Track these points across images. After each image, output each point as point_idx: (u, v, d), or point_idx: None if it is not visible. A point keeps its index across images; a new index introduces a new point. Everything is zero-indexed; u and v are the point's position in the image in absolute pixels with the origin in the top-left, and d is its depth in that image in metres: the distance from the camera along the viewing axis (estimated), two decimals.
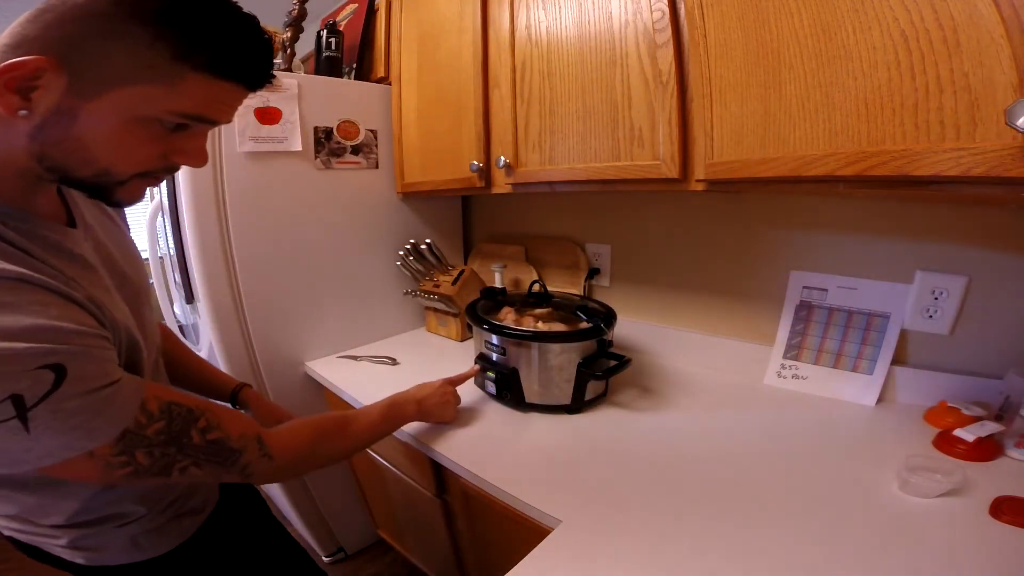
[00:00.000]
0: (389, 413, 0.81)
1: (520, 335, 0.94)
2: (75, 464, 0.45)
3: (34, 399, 0.40)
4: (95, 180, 0.48)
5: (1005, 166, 0.48)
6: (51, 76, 0.41)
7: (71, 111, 0.43)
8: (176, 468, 0.52)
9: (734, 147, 0.73)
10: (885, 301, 0.93)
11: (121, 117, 0.44)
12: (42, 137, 0.44)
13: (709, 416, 0.93)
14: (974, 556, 0.56)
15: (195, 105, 0.47)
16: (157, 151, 0.48)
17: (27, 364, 0.39)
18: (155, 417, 0.50)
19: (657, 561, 0.58)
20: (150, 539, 0.64)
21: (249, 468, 0.58)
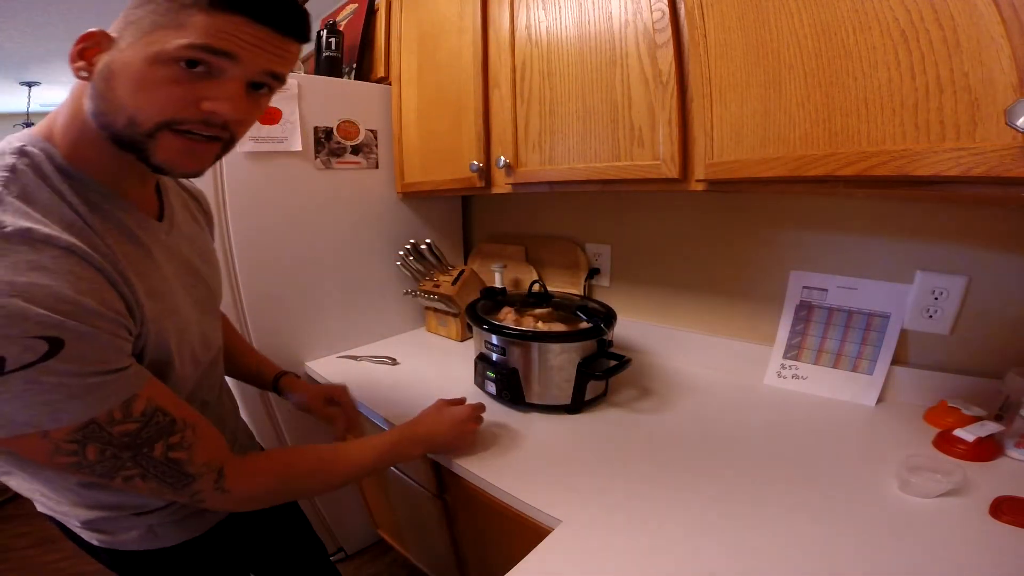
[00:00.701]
0: (387, 455, 0.74)
1: (520, 335, 0.94)
2: (25, 440, 0.44)
3: (15, 365, 0.39)
4: (127, 131, 0.48)
5: (1005, 166, 0.48)
6: (103, 41, 0.47)
7: (111, 65, 0.47)
8: (120, 475, 0.50)
9: (734, 147, 0.73)
10: (885, 301, 0.93)
11: (139, 60, 0.47)
12: (95, 94, 0.48)
13: (709, 416, 0.93)
14: (974, 556, 0.56)
15: (200, 35, 0.46)
16: (179, 94, 0.48)
17: (28, 330, 0.39)
18: (132, 418, 0.48)
19: (657, 561, 0.58)
20: (168, 529, 0.63)
21: (199, 496, 0.56)
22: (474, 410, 0.85)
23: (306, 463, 0.67)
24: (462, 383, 1.10)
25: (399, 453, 0.75)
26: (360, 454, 0.72)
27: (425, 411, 0.84)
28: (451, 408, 0.84)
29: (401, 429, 0.78)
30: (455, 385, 1.10)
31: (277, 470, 0.63)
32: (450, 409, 0.84)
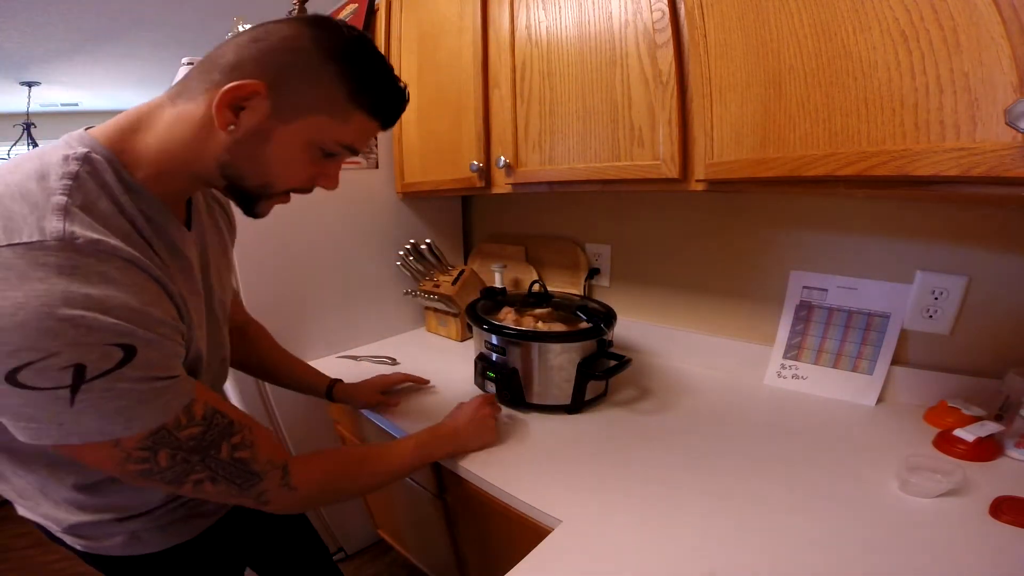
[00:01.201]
0: (421, 452, 0.76)
1: (520, 335, 0.94)
2: (96, 448, 0.44)
3: (95, 373, 0.40)
4: (256, 190, 0.55)
5: (1005, 166, 0.48)
6: (260, 99, 0.48)
7: (267, 132, 0.50)
8: (190, 480, 0.51)
9: (734, 147, 0.73)
10: (885, 301, 0.93)
11: (301, 140, 0.52)
12: (237, 151, 0.50)
13: (709, 416, 0.93)
14: (974, 556, 0.56)
15: (353, 137, 0.55)
16: (310, 172, 0.56)
17: (105, 338, 0.41)
18: (195, 421, 0.49)
19: (657, 560, 0.58)
20: (152, 535, 0.63)
21: (266, 495, 0.57)
22: (485, 399, 0.88)
23: (356, 456, 0.70)
24: (462, 383, 1.10)
25: (429, 452, 0.77)
26: (398, 449, 0.74)
27: (448, 416, 0.86)
28: (465, 404, 0.87)
29: (427, 430, 0.80)
30: (455, 385, 1.10)
31: (334, 464, 0.65)
32: (465, 405, 0.87)
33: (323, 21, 0.51)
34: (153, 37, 2.66)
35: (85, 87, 3.57)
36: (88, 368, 0.40)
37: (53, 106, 3.93)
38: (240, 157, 0.51)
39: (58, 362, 0.39)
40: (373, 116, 0.55)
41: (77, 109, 4.12)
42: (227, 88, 0.47)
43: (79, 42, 2.65)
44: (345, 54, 0.51)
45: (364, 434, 1.19)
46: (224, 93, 0.47)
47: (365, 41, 0.53)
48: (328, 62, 0.50)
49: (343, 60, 0.50)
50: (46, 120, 3.96)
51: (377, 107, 0.55)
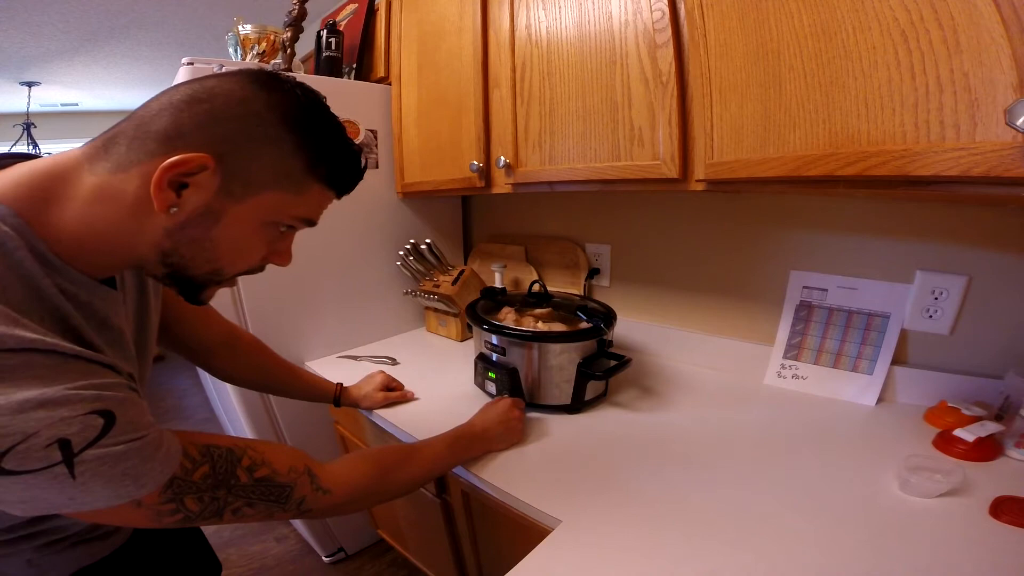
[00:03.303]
0: (453, 452, 0.75)
1: (520, 335, 0.94)
2: (122, 511, 0.42)
3: (82, 444, 0.38)
4: (203, 279, 0.48)
5: (1005, 166, 0.48)
6: (208, 175, 0.41)
7: (217, 213, 0.43)
8: (228, 511, 0.49)
9: (734, 147, 0.73)
10: (885, 301, 0.93)
11: (256, 220, 0.46)
12: (180, 235, 0.44)
13: (709, 416, 0.93)
14: (974, 556, 0.56)
15: (310, 210, 0.50)
16: (264, 253, 0.50)
17: (76, 409, 0.38)
18: (198, 461, 0.47)
19: (657, 561, 0.58)
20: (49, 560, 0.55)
21: (305, 503, 0.55)
22: (513, 401, 0.88)
23: (390, 457, 0.68)
24: (462, 383, 1.10)
25: (461, 453, 0.77)
26: (430, 451, 0.73)
27: (476, 416, 0.85)
28: (494, 404, 0.87)
29: (456, 430, 0.79)
30: (455, 385, 1.10)
31: (366, 467, 0.64)
32: (493, 405, 0.87)
33: (273, 81, 0.45)
34: (153, 37, 2.66)
35: (85, 87, 3.57)
36: (73, 441, 0.37)
37: (53, 106, 3.93)
38: (184, 243, 0.44)
39: (39, 442, 0.36)
40: (330, 187, 0.50)
41: (77, 109, 4.12)
42: (168, 164, 0.40)
43: (79, 42, 2.65)
44: (301, 120, 0.45)
45: (365, 435, 1.19)
46: (164, 170, 0.40)
47: (321, 104, 0.48)
48: (284, 130, 0.44)
49: (299, 128, 0.45)
50: (46, 120, 3.96)
51: (334, 178, 0.50)
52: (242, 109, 0.42)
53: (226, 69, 1.05)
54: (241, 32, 1.37)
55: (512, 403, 0.87)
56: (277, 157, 0.44)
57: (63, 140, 4.14)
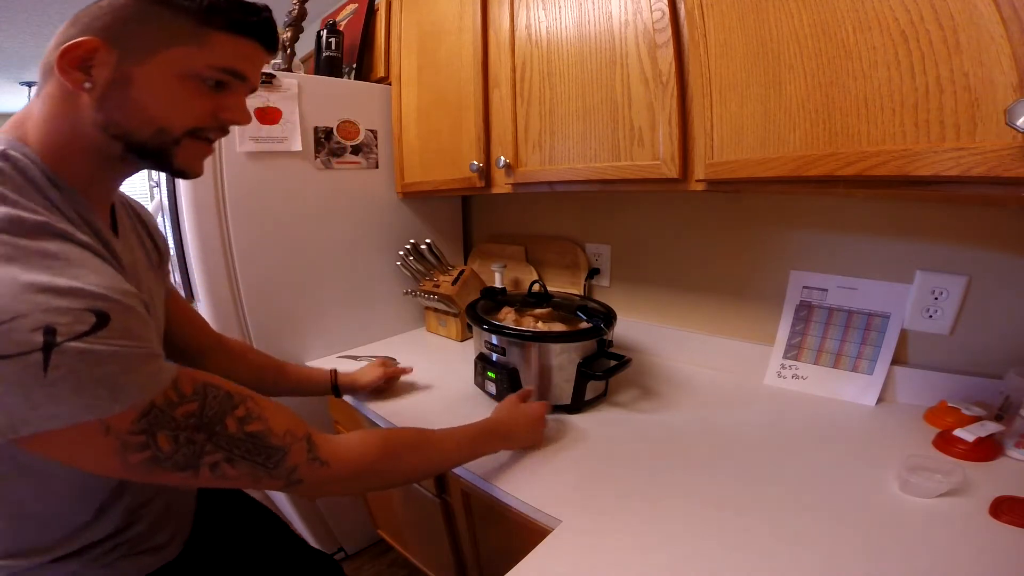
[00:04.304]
0: (474, 445, 0.73)
1: (520, 335, 0.94)
2: (86, 439, 0.40)
3: (67, 336, 0.37)
4: (154, 140, 0.51)
5: (1005, 166, 0.48)
6: (103, 53, 0.47)
7: (126, 77, 0.49)
8: (205, 463, 0.46)
9: (734, 147, 0.73)
10: (885, 301, 0.93)
11: (168, 75, 0.50)
12: (106, 105, 0.49)
13: (709, 416, 0.93)
14: (974, 556, 0.56)
15: (224, 59, 0.52)
16: (205, 107, 0.53)
17: (76, 302, 0.38)
18: (187, 397, 0.45)
19: (657, 561, 0.58)
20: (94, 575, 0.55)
21: (297, 472, 0.52)
22: (544, 407, 0.86)
23: (408, 435, 0.65)
24: (462, 383, 1.10)
25: (480, 447, 0.74)
26: (452, 437, 0.71)
27: (500, 407, 0.84)
28: (525, 405, 0.85)
29: (481, 424, 0.77)
30: (455, 385, 1.10)
31: (380, 440, 0.61)
32: (524, 406, 0.84)
33: None
34: None
35: None
36: (59, 330, 0.36)
37: None
38: (112, 109, 0.49)
39: (25, 324, 0.36)
40: (237, 33, 0.52)
41: None
42: (61, 51, 0.46)
43: None
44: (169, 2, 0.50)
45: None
46: (60, 55, 0.46)
47: None
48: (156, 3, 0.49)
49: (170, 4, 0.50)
50: None
51: (237, 24, 0.52)
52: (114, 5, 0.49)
53: None
54: None
55: (543, 411, 0.85)
56: (160, 25, 0.49)
57: None
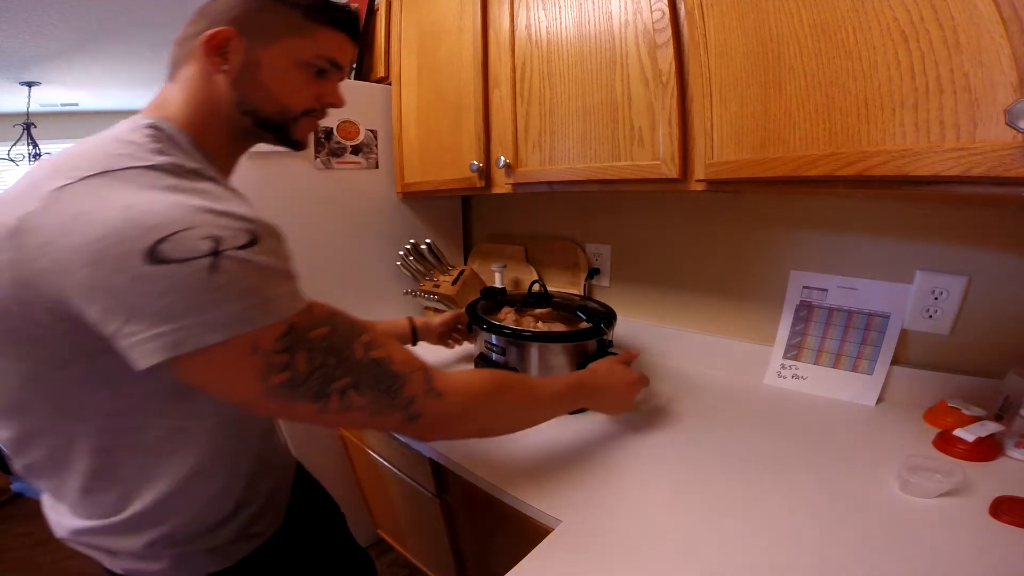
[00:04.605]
0: (566, 397, 0.74)
1: (520, 335, 0.94)
2: (235, 359, 0.43)
3: (228, 246, 0.42)
4: (278, 117, 0.61)
5: (1005, 166, 0.48)
6: (236, 41, 0.56)
7: (255, 62, 0.57)
8: (335, 389, 0.48)
9: (734, 147, 0.73)
10: (885, 301, 0.93)
11: (286, 61, 0.59)
12: (240, 85, 0.57)
13: (708, 416, 0.93)
14: (974, 556, 0.56)
15: (328, 49, 0.62)
16: (313, 91, 0.63)
17: (233, 222, 0.44)
18: (320, 321, 0.48)
19: (657, 561, 0.58)
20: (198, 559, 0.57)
21: (415, 405, 0.53)
22: (642, 378, 0.85)
23: (511, 377, 0.67)
24: None
25: (572, 400, 0.75)
26: (547, 389, 0.71)
27: (600, 363, 0.84)
28: (623, 368, 0.84)
29: (579, 376, 0.78)
30: None
31: (489, 376, 0.64)
32: (621, 369, 0.84)
33: None
34: (153, 37, 2.66)
35: (85, 87, 3.57)
36: (222, 240, 0.42)
37: (53, 106, 3.93)
38: (246, 88, 0.58)
39: (192, 235, 0.41)
40: (336, 27, 0.62)
41: (77, 109, 4.12)
42: (203, 38, 0.55)
43: (79, 42, 2.65)
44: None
45: (367, 439, 1.19)
46: (204, 41, 0.55)
47: None
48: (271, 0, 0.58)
49: None
50: (46, 120, 3.96)
51: (336, 20, 0.62)
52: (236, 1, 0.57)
53: None
54: None
55: (641, 377, 0.84)
56: (279, 15, 0.58)
57: (63, 140, 4.13)
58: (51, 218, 0.41)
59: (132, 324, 0.40)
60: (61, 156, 0.47)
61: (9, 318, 0.44)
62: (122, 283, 0.39)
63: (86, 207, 0.41)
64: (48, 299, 0.42)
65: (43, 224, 0.41)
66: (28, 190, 0.43)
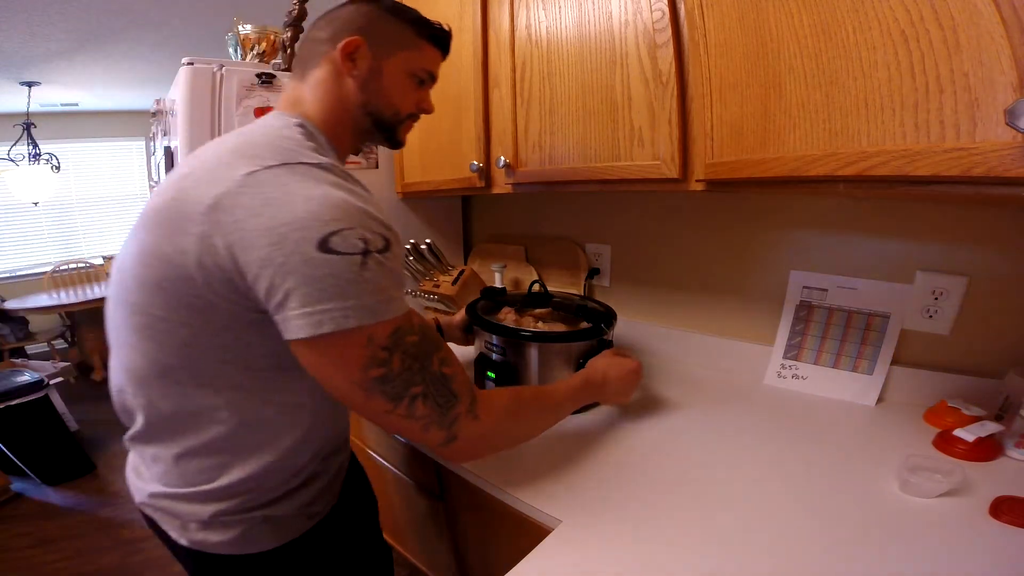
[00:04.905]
0: (576, 396, 0.78)
1: (520, 335, 0.94)
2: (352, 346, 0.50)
3: (374, 247, 0.50)
4: (392, 119, 0.70)
5: (1005, 166, 0.48)
6: (363, 48, 0.64)
7: (378, 69, 0.66)
8: (410, 392, 0.53)
9: (734, 147, 0.73)
10: (885, 301, 0.93)
11: (401, 70, 0.69)
12: (366, 89, 0.66)
13: (708, 416, 0.93)
14: (974, 556, 0.56)
15: (429, 62, 0.72)
16: (415, 99, 0.72)
17: (376, 227, 0.51)
18: (414, 329, 0.54)
19: (657, 561, 0.58)
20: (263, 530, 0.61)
21: (456, 423, 0.57)
22: (638, 364, 0.88)
23: (529, 391, 0.72)
24: None
25: (581, 397, 0.79)
26: (558, 394, 0.75)
27: (597, 359, 0.87)
28: (620, 358, 0.88)
29: (584, 375, 0.81)
30: None
31: (511, 393, 0.67)
32: (619, 358, 0.87)
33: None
34: (153, 37, 2.66)
35: (85, 87, 3.57)
36: (369, 242, 0.49)
37: (53, 106, 3.92)
38: (370, 93, 0.66)
39: (354, 234, 0.48)
40: (435, 45, 0.72)
41: (77, 109, 4.11)
42: (343, 44, 0.63)
43: (79, 42, 2.65)
44: (394, 9, 0.69)
45: (367, 438, 1.19)
46: (342, 48, 0.63)
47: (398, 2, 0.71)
48: (390, 14, 0.67)
49: (397, 12, 0.68)
50: (46, 120, 3.96)
51: (436, 39, 0.72)
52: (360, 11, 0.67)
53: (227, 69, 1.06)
54: (241, 32, 1.37)
55: (637, 366, 0.87)
56: (397, 29, 0.68)
57: (63, 140, 4.13)
58: (243, 199, 0.48)
59: (292, 299, 0.47)
60: (237, 142, 0.55)
61: (191, 285, 0.50)
62: (294, 263, 0.46)
63: (273, 194, 0.48)
64: (228, 270, 0.49)
65: (236, 204, 0.48)
66: (217, 172, 0.51)
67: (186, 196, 0.51)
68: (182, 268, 0.50)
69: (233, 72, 1.11)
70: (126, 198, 4.56)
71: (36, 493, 2.18)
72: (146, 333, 0.54)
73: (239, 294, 0.50)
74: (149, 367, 0.55)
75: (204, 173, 0.52)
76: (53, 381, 2.41)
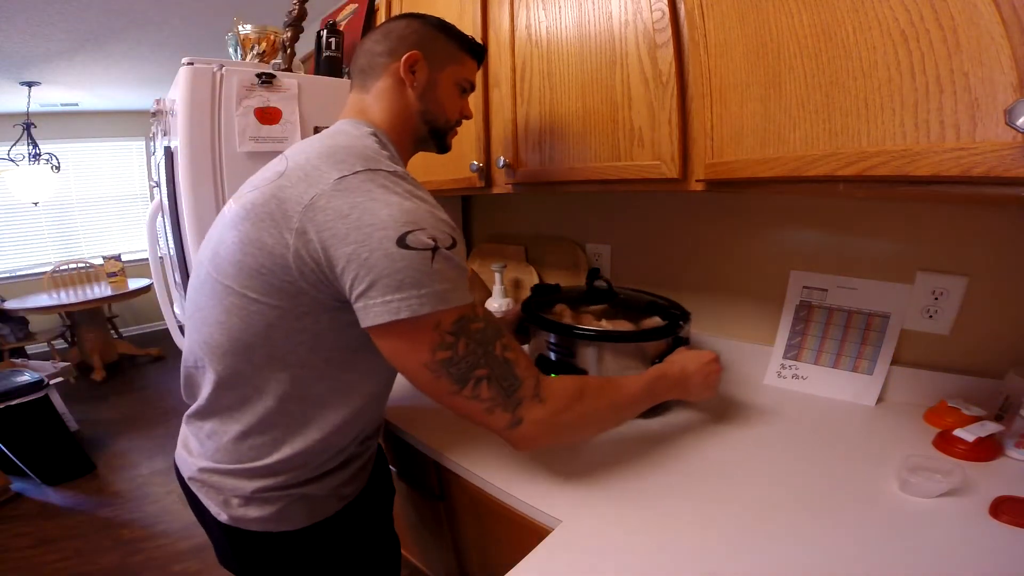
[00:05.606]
0: (650, 390, 0.75)
1: (588, 335, 0.89)
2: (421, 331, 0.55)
3: (442, 245, 0.56)
4: (444, 126, 0.79)
5: (1005, 166, 0.48)
6: (421, 62, 0.73)
7: (433, 81, 0.75)
8: (474, 375, 0.57)
9: (734, 147, 0.73)
10: (885, 301, 0.93)
11: (450, 81, 0.77)
12: (424, 99, 0.74)
13: (709, 416, 0.93)
14: (974, 556, 0.56)
15: (470, 74, 0.80)
16: (459, 107, 0.80)
17: (444, 227, 0.57)
18: (479, 317, 0.59)
19: (657, 561, 0.58)
20: (297, 509, 0.67)
21: (521, 408, 0.60)
22: (716, 356, 0.84)
23: (595, 379, 0.73)
24: None
25: (657, 393, 0.76)
26: (630, 385, 0.73)
27: (674, 354, 0.85)
28: (695, 351, 0.85)
29: (660, 368, 0.79)
30: None
31: (576, 380, 0.68)
32: (699, 353, 0.84)
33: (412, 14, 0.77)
34: (153, 37, 2.66)
35: (85, 87, 3.57)
36: (439, 240, 0.55)
37: (53, 106, 3.92)
38: (427, 102, 0.74)
39: (424, 233, 0.55)
40: (474, 58, 0.80)
41: (77, 109, 4.11)
42: (405, 57, 0.71)
43: (79, 42, 2.65)
44: (441, 26, 0.76)
45: None
46: (405, 60, 0.71)
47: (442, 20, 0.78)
48: (438, 31, 0.75)
49: (443, 28, 0.76)
50: (46, 120, 3.96)
51: (474, 51, 0.80)
52: (412, 27, 0.74)
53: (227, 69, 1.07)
54: (241, 32, 1.37)
55: (715, 357, 0.83)
56: (445, 44, 0.76)
57: (63, 140, 4.14)
58: (336, 201, 0.55)
59: (374, 289, 0.54)
60: (324, 146, 0.62)
61: (287, 272, 0.57)
62: (377, 257, 0.53)
63: (360, 198, 0.55)
64: (319, 261, 0.55)
65: (330, 205, 0.55)
66: (312, 175, 0.57)
67: (285, 195, 0.57)
68: (281, 258, 0.56)
69: (233, 72, 1.11)
70: (126, 198, 4.56)
71: (36, 493, 2.18)
72: (238, 312, 0.60)
73: (326, 283, 0.57)
74: (230, 344, 0.61)
75: (299, 174, 0.58)
76: (53, 381, 2.41)
